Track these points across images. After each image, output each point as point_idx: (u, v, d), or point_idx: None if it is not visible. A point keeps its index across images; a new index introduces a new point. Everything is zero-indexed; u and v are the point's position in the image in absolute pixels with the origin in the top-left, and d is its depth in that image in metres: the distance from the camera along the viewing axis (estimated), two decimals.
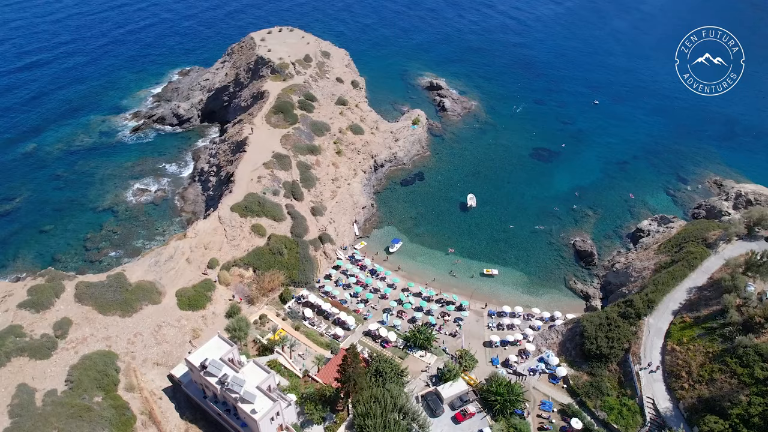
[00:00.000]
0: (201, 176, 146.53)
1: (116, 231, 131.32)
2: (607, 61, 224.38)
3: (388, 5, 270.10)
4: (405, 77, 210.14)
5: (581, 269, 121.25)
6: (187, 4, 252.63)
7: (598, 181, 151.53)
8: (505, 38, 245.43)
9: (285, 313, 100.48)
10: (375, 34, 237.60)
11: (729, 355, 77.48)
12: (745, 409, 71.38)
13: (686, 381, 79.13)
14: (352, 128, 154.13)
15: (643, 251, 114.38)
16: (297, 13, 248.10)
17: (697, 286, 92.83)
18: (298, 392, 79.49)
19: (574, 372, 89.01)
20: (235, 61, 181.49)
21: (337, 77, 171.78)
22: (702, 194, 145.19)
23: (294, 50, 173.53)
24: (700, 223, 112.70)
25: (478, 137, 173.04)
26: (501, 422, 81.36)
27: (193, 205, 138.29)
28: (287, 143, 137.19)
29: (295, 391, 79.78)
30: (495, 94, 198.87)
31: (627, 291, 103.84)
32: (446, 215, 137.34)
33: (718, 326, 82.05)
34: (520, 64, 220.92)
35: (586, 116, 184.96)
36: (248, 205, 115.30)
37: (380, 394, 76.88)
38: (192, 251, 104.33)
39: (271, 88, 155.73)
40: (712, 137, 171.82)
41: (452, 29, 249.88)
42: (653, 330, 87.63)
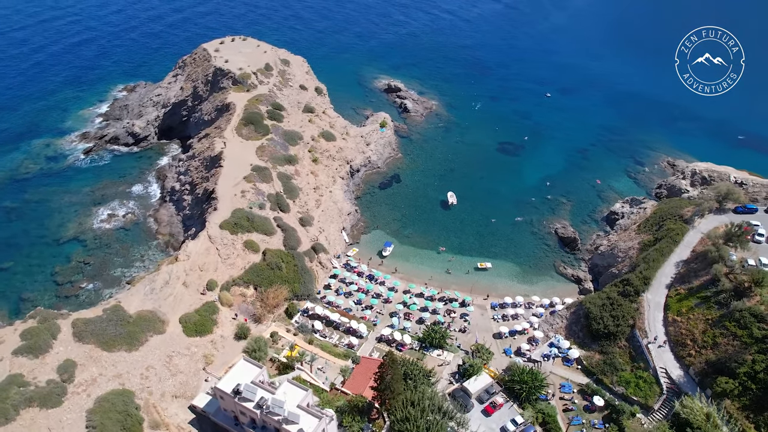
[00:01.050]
0: (172, 196, 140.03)
1: (88, 261, 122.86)
2: (551, 56, 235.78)
3: (336, 10, 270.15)
4: (361, 81, 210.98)
5: (567, 255, 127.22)
6: (125, 16, 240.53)
7: (564, 169, 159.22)
8: (452, 38, 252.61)
9: (295, 328, 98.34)
10: (327, 40, 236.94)
11: (727, 320, 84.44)
12: (751, 366, 78.14)
13: (692, 348, 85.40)
14: (323, 135, 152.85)
15: (624, 232, 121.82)
16: (244, 21, 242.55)
17: (683, 259, 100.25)
18: (332, 405, 78.17)
19: (585, 353, 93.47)
20: (189, 73, 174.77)
21: (300, 85, 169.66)
22: (659, 175, 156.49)
23: (252, 60, 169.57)
24: (673, 202, 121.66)
25: (445, 136, 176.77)
26: (528, 409, 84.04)
27: (169, 227, 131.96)
28: (264, 155, 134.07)
29: (328, 405, 78.40)
30: (452, 93, 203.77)
31: (617, 271, 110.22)
32: (430, 214, 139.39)
33: (712, 294, 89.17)
34: (471, 63, 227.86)
35: (541, 109, 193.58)
36: (237, 222, 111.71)
37: (415, 397, 77.16)
38: (187, 274, 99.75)
39: (236, 100, 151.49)
40: (656, 122, 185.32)
41: (402, 32, 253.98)
42: (653, 305, 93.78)
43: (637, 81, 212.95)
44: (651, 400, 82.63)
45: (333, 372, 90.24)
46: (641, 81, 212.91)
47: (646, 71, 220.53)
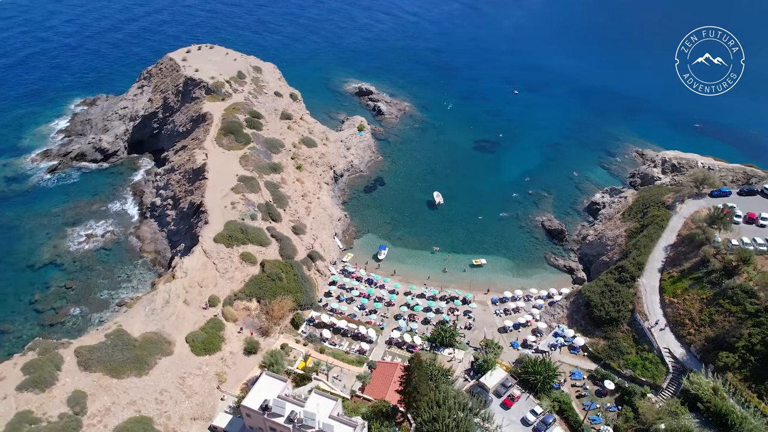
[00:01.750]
0: (153, 211, 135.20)
1: (70, 286, 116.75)
2: (514, 55, 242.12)
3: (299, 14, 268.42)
4: (331, 86, 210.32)
5: (556, 246, 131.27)
6: (77, 26, 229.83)
7: (541, 164, 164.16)
8: (417, 39, 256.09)
9: (303, 339, 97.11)
10: (292, 46, 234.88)
11: (721, 298, 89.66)
12: (748, 340, 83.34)
13: (691, 327, 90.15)
14: (304, 142, 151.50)
15: (609, 221, 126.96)
16: (206, 29, 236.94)
17: (671, 244, 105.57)
18: (356, 413, 77.75)
19: (590, 339, 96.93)
20: (156, 84, 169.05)
21: (275, 91, 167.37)
22: (630, 164, 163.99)
23: (223, 68, 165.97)
24: (653, 189, 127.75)
25: (421, 136, 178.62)
26: (545, 399, 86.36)
27: (154, 244, 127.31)
28: (248, 164, 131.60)
29: (353, 412, 77.94)
30: (423, 94, 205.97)
31: (608, 259, 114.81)
32: (419, 215, 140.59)
33: (704, 275, 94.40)
34: (437, 64, 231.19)
35: (510, 107, 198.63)
36: (231, 234, 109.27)
37: (439, 396, 77.86)
38: (187, 291, 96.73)
39: (212, 109, 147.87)
40: (619, 115, 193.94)
41: (367, 35, 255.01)
42: (648, 288, 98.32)
43: (598, 76, 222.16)
44: (659, 380, 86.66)
45: (349, 379, 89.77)
46: (602, 76, 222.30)
47: (604, 66, 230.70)
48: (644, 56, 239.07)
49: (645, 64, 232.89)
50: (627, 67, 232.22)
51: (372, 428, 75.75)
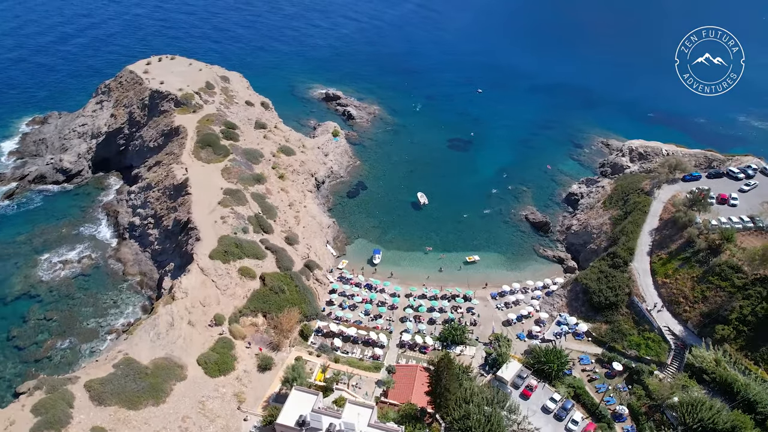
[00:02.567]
0: (132, 232, 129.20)
1: (50, 317, 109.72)
2: (472, 55, 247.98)
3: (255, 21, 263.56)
4: (296, 93, 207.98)
5: (542, 238, 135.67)
6: (18, 38, 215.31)
7: (514, 159, 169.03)
8: (378, 42, 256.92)
9: (315, 350, 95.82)
10: (252, 54, 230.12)
11: (710, 275, 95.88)
12: (740, 312, 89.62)
13: (686, 305, 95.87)
14: (283, 150, 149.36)
15: (590, 210, 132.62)
16: (163, 38, 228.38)
17: (655, 228, 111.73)
18: (387, 418, 77.66)
19: (592, 325, 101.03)
20: (118, 99, 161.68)
21: (245, 101, 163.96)
22: (598, 154, 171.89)
23: (189, 79, 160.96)
24: (629, 177, 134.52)
25: (395, 139, 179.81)
26: (560, 386, 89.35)
27: (138, 265, 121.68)
28: (231, 177, 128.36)
29: (384, 418, 77.77)
30: (389, 96, 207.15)
31: (596, 247, 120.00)
32: (405, 217, 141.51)
33: (691, 255, 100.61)
34: (399, 65, 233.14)
35: (476, 105, 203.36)
36: (227, 249, 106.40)
37: (466, 393, 79.11)
38: (190, 312, 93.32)
39: (185, 122, 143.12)
40: (580, 108, 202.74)
41: (327, 40, 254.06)
42: (641, 271, 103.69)
43: (554, 72, 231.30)
44: (663, 357, 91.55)
45: (368, 386, 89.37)
46: (558, 72, 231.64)
47: (559, 62, 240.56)
48: (596, 51, 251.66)
49: (597, 58, 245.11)
50: (581, 62, 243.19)
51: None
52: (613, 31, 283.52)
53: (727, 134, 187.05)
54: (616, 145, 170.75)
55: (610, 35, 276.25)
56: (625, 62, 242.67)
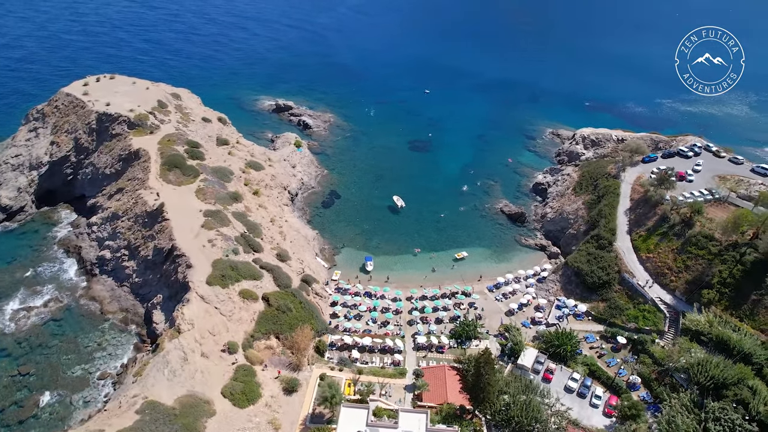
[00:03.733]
0: (103, 266, 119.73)
1: (26, 372, 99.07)
2: (409, 56, 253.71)
3: (189, 33, 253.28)
4: (243, 106, 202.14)
5: (521, 228, 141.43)
6: None
7: (475, 156, 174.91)
8: (312, 49, 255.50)
9: (335, 364, 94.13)
10: (184, 69, 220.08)
11: (688, 246, 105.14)
12: (720, 276, 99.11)
13: (671, 275, 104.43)
14: (251, 166, 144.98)
15: (562, 198, 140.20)
16: (93, 55, 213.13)
17: (628, 208, 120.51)
18: (433, 422, 78.07)
19: (590, 304, 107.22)
20: (57, 124, 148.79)
21: (202, 117, 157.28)
22: (551, 144, 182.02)
23: (138, 99, 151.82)
24: (593, 164, 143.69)
25: (356, 145, 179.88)
26: (574, 366, 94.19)
27: (117, 302, 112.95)
28: (207, 197, 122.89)
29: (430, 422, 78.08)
30: (340, 103, 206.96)
31: (575, 231, 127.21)
32: (386, 222, 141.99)
33: (667, 229, 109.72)
34: (340, 71, 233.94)
35: (427, 106, 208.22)
36: (224, 273, 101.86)
37: (501, 384, 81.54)
38: (201, 344, 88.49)
39: (144, 144, 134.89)
40: (524, 101, 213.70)
41: (263, 50, 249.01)
42: (625, 250, 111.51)
43: (493, 69, 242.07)
44: (660, 325, 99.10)
45: (398, 392, 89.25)
46: (496, 68, 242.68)
47: (497, 59, 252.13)
48: (527, 48, 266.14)
49: (528, 55, 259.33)
50: (515, 58, 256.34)
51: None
52: (539, 28, 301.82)
53: (657, 117, 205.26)
54: (566, 134, 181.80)
55: (538, 33, 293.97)
56: (553, 57, 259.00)
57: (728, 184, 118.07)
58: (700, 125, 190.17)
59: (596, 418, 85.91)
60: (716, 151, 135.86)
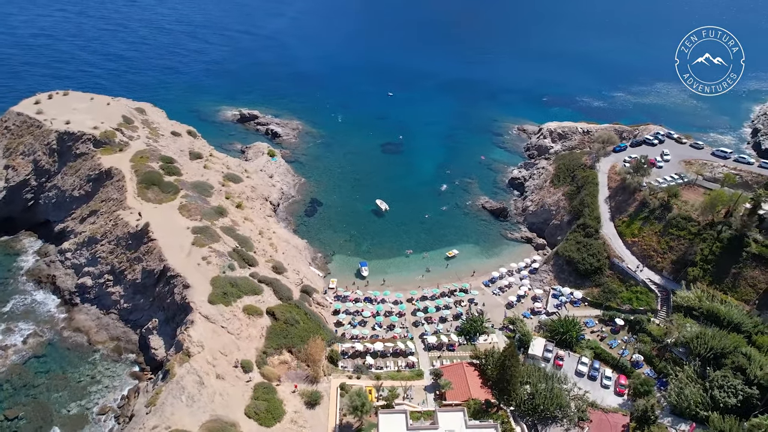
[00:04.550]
0: (85, 294, 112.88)
1: (14, 416, 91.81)
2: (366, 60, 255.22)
3: (143, 43, 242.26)
4: (203, 117, 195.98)
5: (504, 223, 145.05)
6: None
7: (448, 155, 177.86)
8: (268, 57, 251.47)
9: (352, 372, 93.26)
10: (138, 82, 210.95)
11: (669, 228, 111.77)
12: (701, 253, 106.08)
13: (657, 257, 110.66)
14: (229, 178, 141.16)
15: (540, 190, 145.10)
16: (36, 70, 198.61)
17: (608, 196, 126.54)
18: None
19: (585, 291, 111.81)
20: (10, 146, 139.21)
21: (171, 131, 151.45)
22: (518, 140, 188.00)
23: (100, 115, 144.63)
24: (567, 156, 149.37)
25: (329, 151, 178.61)
26: (580, 350, 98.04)
27: (105, 331, 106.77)
28: (191, 214, 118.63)
29: None
30: (305, 110, 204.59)
31: (558, 221, 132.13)
32: (372, 226, 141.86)
33: (648, 214, 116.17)
34: (300, 78, 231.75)
35: (392, 108, 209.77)
36: (225, 291, 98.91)
37: (523, 375, 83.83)
38: (214, 365, 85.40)
39: (115, 163, 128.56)
40: (485, 99, 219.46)
41: (214, 58, 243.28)
42: (611, 236, 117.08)
43: (452, 69, 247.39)
44: (653, 305, 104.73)
45: (418, 394, 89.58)
46: (455, 69, 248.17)
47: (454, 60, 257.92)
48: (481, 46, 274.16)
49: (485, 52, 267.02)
50: (471, 58, 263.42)
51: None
52: (489, 28, 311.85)
53: (612, 109, 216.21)
54: (531, 129, 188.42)
55: (489, 32, 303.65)
56: (506, 55, 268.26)
57: (694, 168, 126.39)
58: (650, 114, 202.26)
59: (609, 398, 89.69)
60: (678, 138, 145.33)
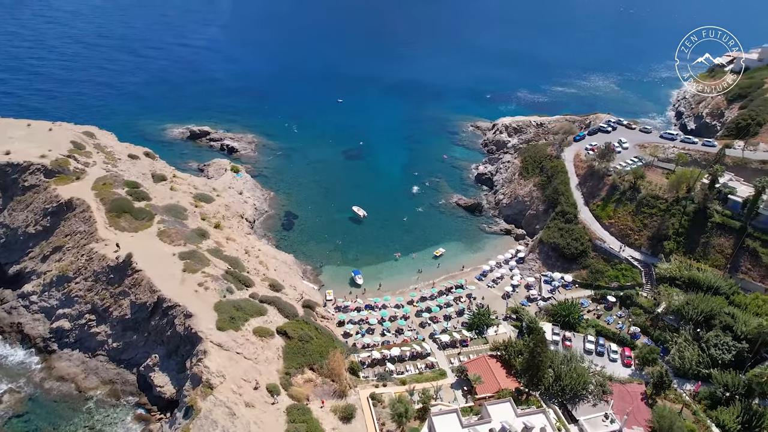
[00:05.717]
0: (63, 339, 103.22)
1: None
2: (307, 67, 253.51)
3: (72, 62, 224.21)
4: (151, 137, 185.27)
5: (480, 217, 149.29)
6: None
7: (412, 157, 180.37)
8: (204, 71, 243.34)
9: (377, 381, 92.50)
10: (73, 102, 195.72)
11: (641, 207, 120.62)
12: (673, 227, 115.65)
13: (634, 235, 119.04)
14: (200, 199, 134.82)
15: (510, 183, 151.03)
16: None
17: (578, 183, 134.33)
18: None
19: (574, 273, 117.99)
20: None
21: (128, 155, 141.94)
22: (474, 137, 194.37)
23: (44, 142, 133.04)
24: (531, 148, 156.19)
25: (291, 163, 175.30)
26: (582, 330, 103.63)
27: (97, 375, 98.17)
28: (174, 239, 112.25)
29: None
30: (256, 123, 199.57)
31: (534, 211, 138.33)
32: (354, 233, 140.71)
33: (620, 196, 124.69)
34: (242, 91, 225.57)
35: (345, 115, 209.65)
36: (232, 316, 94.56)
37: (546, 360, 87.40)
38: (240, 394, 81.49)
39: (76, 193, 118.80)
40: (431, 99, 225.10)
41: (151, 73, 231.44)
42: (588, 220, 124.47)
43: (395, 72, 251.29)
44: (638, 279, 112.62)
45: (446, 392, 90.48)
46: (396, 71, 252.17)
47: (395, 63, 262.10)
48: (421, 45, 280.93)
49: (424, 53, 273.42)
50: (412, 58, 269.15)
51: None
52: (424, 29, 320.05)
53: (552, 101, 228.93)
54: (484, 125, 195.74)
55: (425, 33, 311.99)
56: (445, 55, 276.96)
57: (649, 151, 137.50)
58: (587, 104, 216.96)
59: (619, 370, 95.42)
60: (628, 124, 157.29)
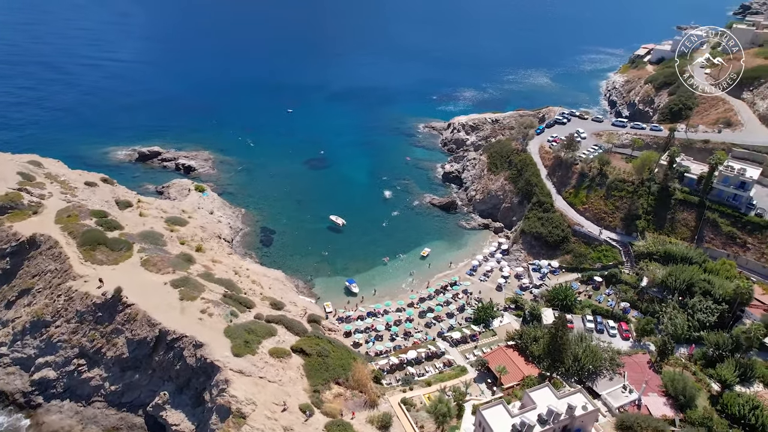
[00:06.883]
0: (49, 390, 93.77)
1: None
2: (238, 79, 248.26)
3: None
4: (92, 162, 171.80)
5: (456, 215, 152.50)
6: None
7: (375, 161, 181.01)
8: (137, 88, 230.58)
9: (402, 386, 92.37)
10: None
11: (611, 191, 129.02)
12: (642, 207, 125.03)
13: (608, 217, 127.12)
14: (174, 222, 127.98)
15: (481, 179, 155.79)
16: None
17: (547, 174, 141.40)
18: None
19: (559, 259, 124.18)
20: None
21: (85, 182, 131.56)
22: (431, 137, 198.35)
23: None
24: (496, 145, 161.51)
25: (255, 177, 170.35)
26: (578, 311, 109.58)
27: (97, 423, 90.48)
28: (161, 268, 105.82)
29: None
30: (206, 139, 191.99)
31: (509, 204, 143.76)
32: (337, 242, 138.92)
33: (590, 182, 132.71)
34: (184, 107, 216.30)
35: (298, 124, 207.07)
36: (246, 341, 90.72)
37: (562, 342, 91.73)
38: (276, 419, 78.45)
39: (37, 228, 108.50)
40: (379, 104, 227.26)
41: (82, 89, 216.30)
42: (563, 208, 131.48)
43: (335, 79, 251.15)
44: (619, 258, 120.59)
45: (472, 388, 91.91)
46: (337, 78, 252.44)
47: (333, 69, 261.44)
48: (359, 50, 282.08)
49: (362, 59, 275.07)
50: (349, 65, 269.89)
51: None
52: (355, 34, 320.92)
53: (495, 98, 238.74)
54: (439, 125, 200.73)
55: (358, 38, 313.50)
56: (378, 59, 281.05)
57: (605, 138, 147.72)
58: (528, 98, 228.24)
59: (620, 343, 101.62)
60: (580, 115, 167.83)
